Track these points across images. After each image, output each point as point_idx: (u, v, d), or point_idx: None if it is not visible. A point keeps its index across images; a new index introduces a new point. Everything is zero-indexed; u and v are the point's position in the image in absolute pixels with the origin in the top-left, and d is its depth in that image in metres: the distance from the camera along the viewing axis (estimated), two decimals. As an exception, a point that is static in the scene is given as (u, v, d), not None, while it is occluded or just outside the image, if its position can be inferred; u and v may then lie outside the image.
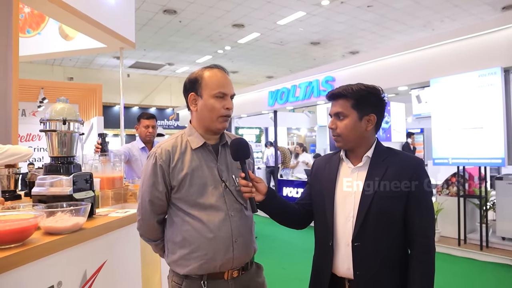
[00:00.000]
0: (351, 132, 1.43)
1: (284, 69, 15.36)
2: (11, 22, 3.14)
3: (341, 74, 6.81)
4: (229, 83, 1.51)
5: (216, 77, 1.48)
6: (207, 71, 1.50)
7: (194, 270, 1.43)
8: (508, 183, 4.84)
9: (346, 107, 1.42)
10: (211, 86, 1.46)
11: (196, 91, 1.49)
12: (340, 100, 1.44)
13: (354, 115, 1.42)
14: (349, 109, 1.42)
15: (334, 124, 1.45)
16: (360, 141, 1.45)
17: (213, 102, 1.46)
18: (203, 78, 1.48)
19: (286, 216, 1.58)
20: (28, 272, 1.23)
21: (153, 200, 1.46)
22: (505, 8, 9.11)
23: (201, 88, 1.47)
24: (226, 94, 1.48)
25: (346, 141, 1.45)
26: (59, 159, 1.74)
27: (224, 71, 1.53)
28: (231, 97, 1.51)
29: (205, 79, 1.48)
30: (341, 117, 1.44)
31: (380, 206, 1.37)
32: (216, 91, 1.46)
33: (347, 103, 1.42)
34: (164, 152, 1.46)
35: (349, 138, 1.44)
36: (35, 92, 7.63)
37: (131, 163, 3.41)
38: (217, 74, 1.49)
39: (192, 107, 1.51)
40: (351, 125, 1.42)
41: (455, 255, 4.91)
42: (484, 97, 4.66)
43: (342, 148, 1.49)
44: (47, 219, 1.41)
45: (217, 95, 1.46)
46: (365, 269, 1.37)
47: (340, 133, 1.44)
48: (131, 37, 5.01)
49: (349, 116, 1.42)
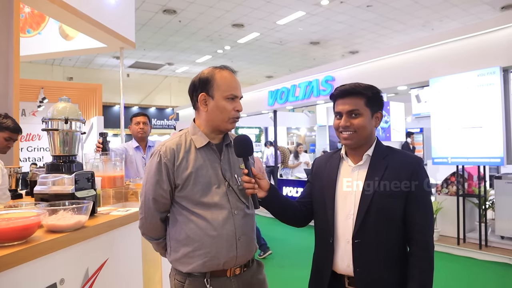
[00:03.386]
0: (365, 130, 1.42)
1: (283, 68, 15.37)
2: (12, 22, 3.16)
3: (340, 73, 6.82)
4: (239, 85, 1.53)
5: (227, 79, 1.49)
6: (218, 71, 1.50)
7: (198, 267, 1.43)
8: (507, 182, 4.85)
9: (360, 105, 1.41)
10: (223, 88, 1.47)
11: (208, 92, 1.48)
12: (353, 98, 1.42)
13: (368, 113, 1.42)
14: (363, 106, 1.42)
15: (348, 122, 1.42)
16: (368, 139, 1.46)
17: (224, 103, 1.47)
18: (215, 79, 1.48)
19: (287, 214, 1.59)
20: (31, 270, 1.24)
21: (157, 198, 1.47)
22: (504, 7, 9.13)
23: (213, 89, 1.47)
24: (237, 96, 1.50)
25: (360, 138, 1.43)
26: (61, 158, 1.75)
27: (234, 73, 1.54)
28: (239, 99, 1.53)
29: (217, 80, 1.48)
30: (355, 114, 1.42)
31: (380, 204, 1.38)
32: (228, 93, 1.47)
33: (360, 100, 1.42)
34: (168, 150, 1.46)
35: (363, 136, 1.43)
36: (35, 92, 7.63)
37: (126, 162, 3.42)
38: (228, 76, 1.50)
39: (202, 107, 1.50)
40: (366, 123, 1.42)
41: (455, 254, 4.92)
42: (483, 97, 4.68)
43: (351, 146, 1.47)
44: (49, 217, 1.42)
45: (229, 96, 1.47)
46: (365, 266, 1.38)
47: (355, 130, 1.41)
48: (131, 37, 5.02)
49: (363, 114, 1.42)
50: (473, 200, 5.14)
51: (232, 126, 1.51)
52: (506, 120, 4.57)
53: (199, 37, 11.32)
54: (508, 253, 4.58)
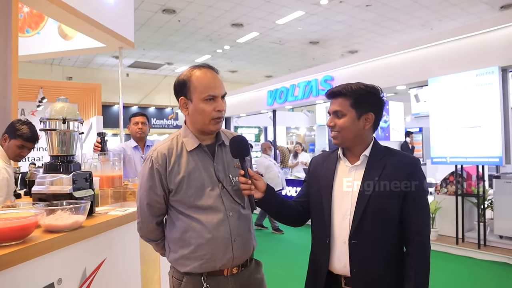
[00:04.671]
0: (348, 130, 1.44)
1: (283, 68, 15.36)
2: (10, 21, 3.15)
3: (340, 73, 6.82)
4: (219, 83, 1.45)
5: (204, 78, 1.43)
6: (195, 71, 1.44)
7: (195, 269, 1.44)
8: (506, 182, 4.86)
9: (344, 106, 1.43)
10: (200, 89, 1.41)
11: (186, 95, 1.44)
12: (339, 99, 1.45)
13: (353, 114, 1.43)
14: (347, 107, 1.43)
15: (333, 122, 1.46)
16: (357, 140, 1.46)
17: (203, 106, 1.42)
18: (191, 81, 1.43)
19: (283, 214, 1.59)
20: (29, 269, 1.25)
21: (151, 203, 1.47)
22: (503, 7, 9.13)
23: (190, 91, 1.43)
24: (216, 96, 1.43)
25: (344, 139, 1.45)
26: (59, 158, 1.75)
27: (213, 70, 1.47)
28: (223, 97, 1.46)
29: (193, 82, 1.42)
30: (339, 115, 1.45)
31: (377, 204, 1.38)
32: (205, 94, 1.41)
33: (346, 101, 1.43)
34: (160, 156, 1.44)
35: (347, 136, 1.45)
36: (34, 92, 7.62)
37: (125, 162, 3.42)
38: (205, 75, 1.43)
39: (183, 111, 1.48)
40: (349, 123, 1.43)
41: (453, 253, 4.93)
42: (482, 96, 4.68)
43: (340, 145, 1.50)
44: (47, 217, 1.42)
45: (206, 98, 1.41)
46: (362, 266, 1.38)
47: (339, 130, 1.45)
48: (130, 36, 5.02)
49: (347, 115, 1.43)
50: (472, 199, 5.14)
51: (215, 127, 1.47)
52: (504, 119, 4.58)
53: (198, 37, 11.32)
54: (506, 253, 4.59)
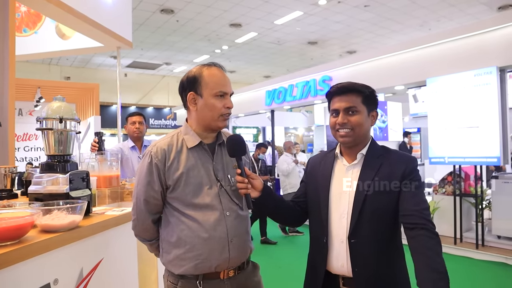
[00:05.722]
0: (362, 128, 1.42)
1: (281, 68, 15.36)
2: (8, 21, 3.14)
3: (338, 73, 6.82)
4: (228, 81, 1.50)
5: (216, 76, 1.46)
6: (206, 69, 1.47)
7: (190, 270, 1.42)
8: (504, 182, 4.87)
9: (357, 102, 1.41)
10: (211, 85, 1.44)
11: (196, 90, 1.46)
12: (350, 95, 1.42)
13: (365, 111, 1.42)
14: (360, 104, 1.42)
15: (346, 119, 1.41)
16: (363, 138, 1.45)
17: (214, 101, 1.44)
18: (202, 77, 1.45)
19: (281, 213, 1.58)
20: (25, 270, 1.24)
21: (148, 199, 1.45)
22: (501, 8, 9.16)
23: (201, 87, 1.45)
24: (226, 93, 1.47)
25: (357, 136, 1.42)
26: (56, 157, 1.74)
27: (222, 69, 1.51)
28: (230, 95, 1.50)
29: (204, 78, 1.45)
30: (352, 112, 1.41)
31: (374, 203, 1.38)
32: (216, 90, 1.44)
33: (358, 98, 1.42)
34: (159, 151, 1.44)
35: (360, 134, 1.43)
36: (32, 92, 7.61)
37: (122, 162, 3.41)
38: (216, 73, 1.47)
39: (191, 107, 1.48)
40: (363, 120, 1.42)
41: (451, 253, 4.93)
42: (480, 96, 4.69)
43: (349, 144, 1.45)
44: (43, 217, 1.41)
45: (218, 94, 1.44)
46: (363, 265, 1.38)
47: (353, 127, 1.41)
48: (128, 36, 5.01)
49: (360, 111, 1.41)
50: (470, 199, 5.15)
51: (223, 124, 1.49)
52: (502, 120, 4.59)
53: (196, 37, 11.31)
54: (504, 253, 4.60)
